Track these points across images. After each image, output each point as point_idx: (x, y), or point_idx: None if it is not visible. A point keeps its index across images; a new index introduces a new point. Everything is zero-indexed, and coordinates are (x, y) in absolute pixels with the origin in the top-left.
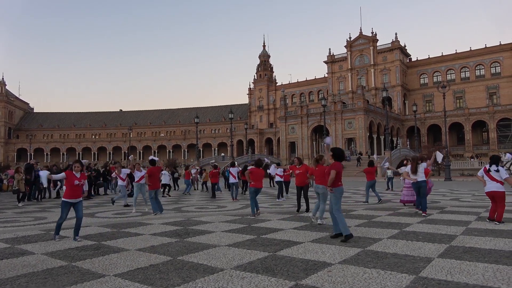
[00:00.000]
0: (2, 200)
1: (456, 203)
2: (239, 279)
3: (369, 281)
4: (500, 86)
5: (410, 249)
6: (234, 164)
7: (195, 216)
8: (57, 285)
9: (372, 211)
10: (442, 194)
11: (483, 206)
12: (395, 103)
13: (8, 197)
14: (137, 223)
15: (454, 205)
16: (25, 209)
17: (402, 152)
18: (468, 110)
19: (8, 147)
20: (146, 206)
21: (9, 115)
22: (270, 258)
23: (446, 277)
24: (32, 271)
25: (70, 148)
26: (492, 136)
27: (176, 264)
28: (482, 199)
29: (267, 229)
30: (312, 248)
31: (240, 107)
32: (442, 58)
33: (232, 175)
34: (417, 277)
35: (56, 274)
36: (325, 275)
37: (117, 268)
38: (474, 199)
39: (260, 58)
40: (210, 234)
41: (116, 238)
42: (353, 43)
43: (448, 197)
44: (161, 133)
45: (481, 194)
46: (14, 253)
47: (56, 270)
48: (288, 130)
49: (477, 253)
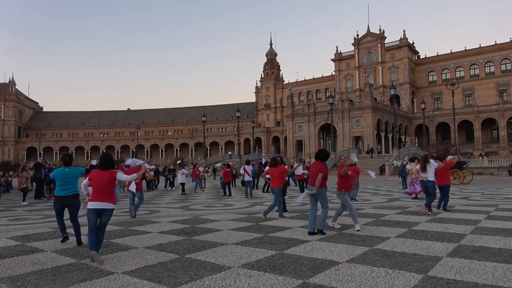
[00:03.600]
0: (12, 198)
1: (465, 201)
2: (246, 277)
3: (377, 280)
4: (510, 83)
5: (418, 248)
6: (249, 162)
7: (203, 214)
8: (67, 282)
9: (380, 209)
10: (452, 193)
11: (493, 205)
12: (403, 101)
13: (18, 195)
14: (145, 221)
15: (463, 204)
16: (34, 207)
17: (410, 151)
18: (478, 107)
19: (18, 146)
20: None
21: (19, 114)
22: (277, 256)
23: (455, 277)
24: (42, 268)
25: (79, 146)
26: (502, 134)
27: (183, 262)
28: (492, 198)
29: (274, 227)
30: (319, 246)
31: (247, 106)
32: (451, 55)
33: (247, 173)
34: (425, 276)
35: (66, 271)
36: (332, 273)
37: (126, 266)
38: (483, 198)
39: (267, 56)
40: (218, 232)
41: (124, 236)
42: (360, 40)
43: (457, 196)
44: (169, 131)
45: (490, 192)
46: (24, 251)
47: (65, 267)
48: (295, 129)
49: (487, 252)
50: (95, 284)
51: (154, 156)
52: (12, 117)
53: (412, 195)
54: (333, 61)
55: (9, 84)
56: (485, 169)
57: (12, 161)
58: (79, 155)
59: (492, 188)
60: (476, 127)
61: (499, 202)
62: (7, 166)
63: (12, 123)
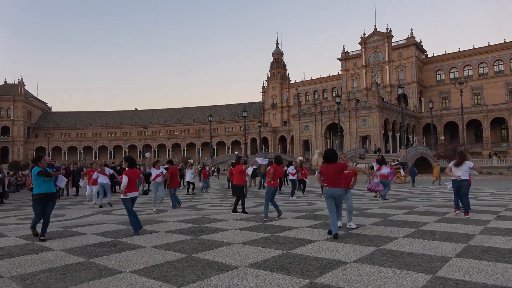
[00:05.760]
0: (22, 197)
1: (474, 201)
2: (253, 277)
3: (384, 280)
4: None
5: (426, 248)
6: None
7: (210, 214)
8: (75, 280)
9: (388, 209)
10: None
11: (503, 205)
12: (411, 100)
13: (27, 195)
14: (152, 221)
15: (472, 204)
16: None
17: (418, 150)
18: (487, 106)
19: (28, 146)
20: (159, 204)
21: (28, 115)
22: (284, 256)
23: (464, 277)
24: (51, 267)
25: (87, 146)
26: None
27: (191, 261)
28: (501, 198)
29: (281, 227)
30: (326, 246)
31: (254, 105)
32: (459, 53)
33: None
34: (434, 276)
35: (74, 270)
36: (340, 273)
37: (133, 265)
38: (492, 198)
39: (273, 56)
40: (225, 232)
41: (132, 235)
42: (367, 39)
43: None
44: (176, 131)
45: (500, 192)
46: (33, 249)
47: (74, 266)
48: (302, 128)
49: (496, 253)
50: (103, 283)
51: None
52: (21, 117)
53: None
54: (339, 60)
55: (18, 85)
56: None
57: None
58: (87, 155)
59: (501, 188)
60: (485, 126)
61: (509, 202)
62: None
63: (22, 123)
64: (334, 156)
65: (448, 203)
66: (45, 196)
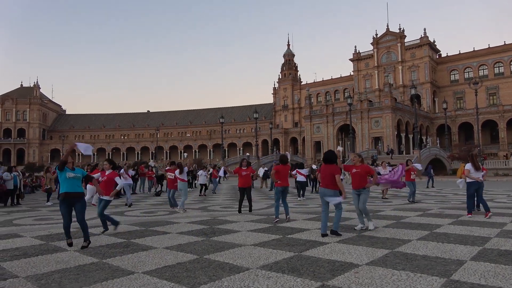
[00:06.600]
0: (37, 198)
1: (490, 204)
2: (265, 279)
3: (398, 283)
4: None
5: (441, 251)
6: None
7: (221, 215)
8: (89, 281)
9: (401, 211)
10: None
11: None
12: (424, 100)
13: (43, 196)
14: (164, 222)
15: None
16: (58, 207)
17: (431, 151)
18: (503, 107)
19: (43, 148)
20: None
21: (43, 117)
22: (296, 258)
23: (479, 281)
24: (65, 267)
25: (100, 148)
26: None
27: (202, 262)
28: None
29: (293, 229)
30: (338, 248)
31: (265, 107)
32: (474, 53)
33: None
34: (448, 280)
35: (88, 270)
36: (352, 276)
37: (146, 266)
38: (509, 200)
39: (285, 57)
40: (236, 234)
41: (144, 236)
42: (379, 40)
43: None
44: (187, 133)
45: None
46: (48, 250)
47: (87, 266)
48: (313, 130)
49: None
50: (116, 283)
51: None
52: (36, 120)
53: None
54: (351, 61)
55: (34, 88)
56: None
57: (37, 162)
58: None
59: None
60: (501, 127)
61: None
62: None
63: (37, 125)
64: (332, 158)
65: (463, 205)
66: (68, 196)
